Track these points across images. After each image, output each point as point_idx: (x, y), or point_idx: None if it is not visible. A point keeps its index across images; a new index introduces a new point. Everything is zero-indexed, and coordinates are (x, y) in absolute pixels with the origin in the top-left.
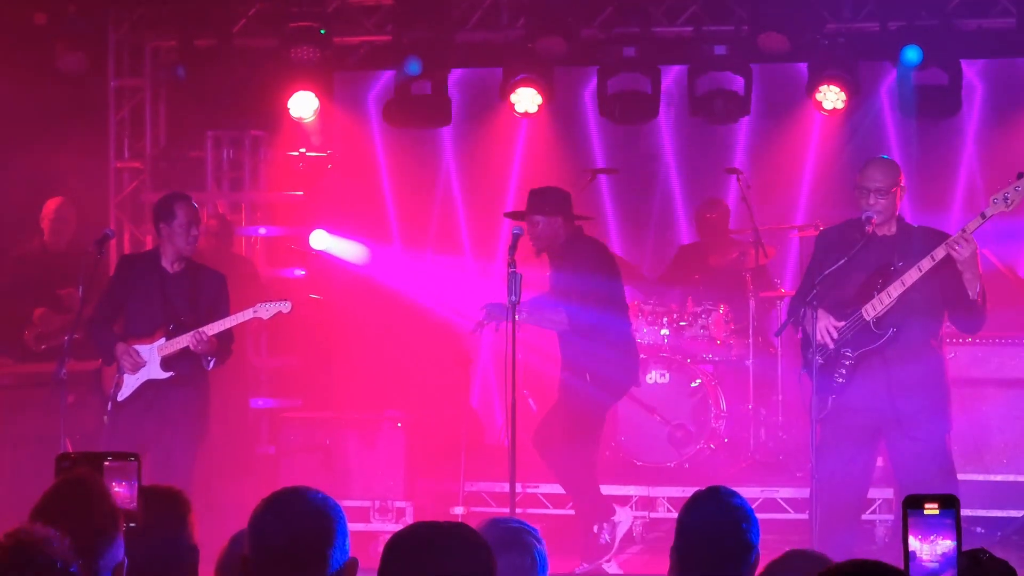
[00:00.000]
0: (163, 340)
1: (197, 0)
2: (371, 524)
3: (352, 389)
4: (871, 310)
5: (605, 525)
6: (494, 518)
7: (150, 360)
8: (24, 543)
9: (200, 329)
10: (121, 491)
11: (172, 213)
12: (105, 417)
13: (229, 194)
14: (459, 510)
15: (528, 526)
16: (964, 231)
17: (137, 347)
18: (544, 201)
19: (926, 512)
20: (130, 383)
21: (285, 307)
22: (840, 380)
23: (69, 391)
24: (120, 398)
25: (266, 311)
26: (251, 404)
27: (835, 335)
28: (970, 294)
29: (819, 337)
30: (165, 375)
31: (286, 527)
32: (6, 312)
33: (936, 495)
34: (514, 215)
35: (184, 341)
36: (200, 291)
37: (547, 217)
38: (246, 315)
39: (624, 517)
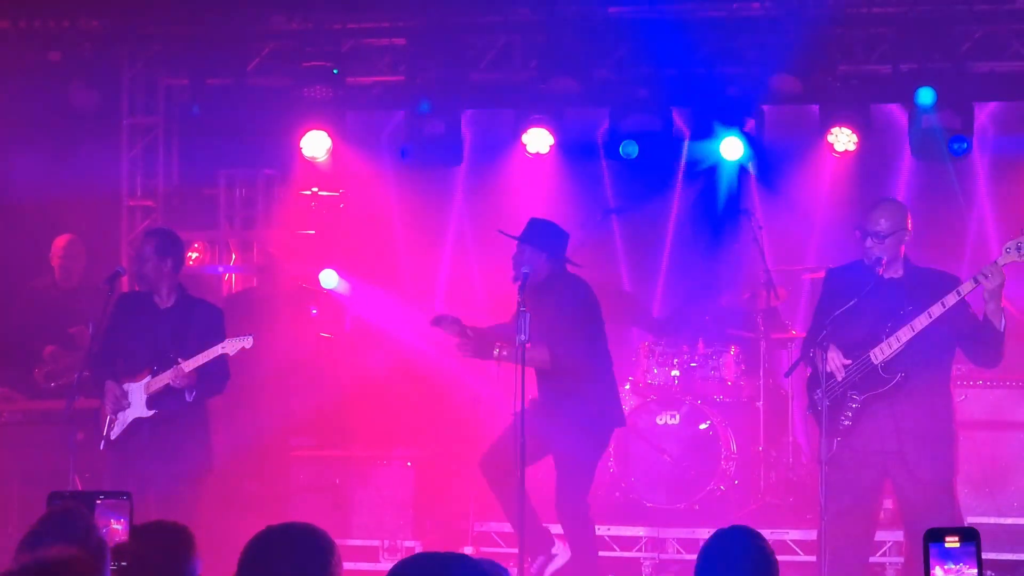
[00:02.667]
0: (149, 378)
1: (211, 39)
2: (380, 563)
3: (362, 428)
4: (879, 354)
5: (541, 557)
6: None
7: (136, 399)
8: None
9: (179, 364)
10: (113, 529)
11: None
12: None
13: (241, 233)
14: (468, 550)
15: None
16: (996, 264)
17: (127, 385)
18: (536, 233)
19: (947, 545)
20: (121, 421)
21: (247, 342)
22: (846, 423)
23: (78, 428)
24: (112, 436)
25: (232, 347)
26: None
27: (843, 371)
28: (996, 325)
29: (829, 368)
30: (149, 413)
31: (278, 561)
32: (17, 349)
33: (956, 527)
34: (506, 235)
35: (167, 378)
36: (190, 325)
37: (533, 248)
38: (215, 351)
39: (561, 551)
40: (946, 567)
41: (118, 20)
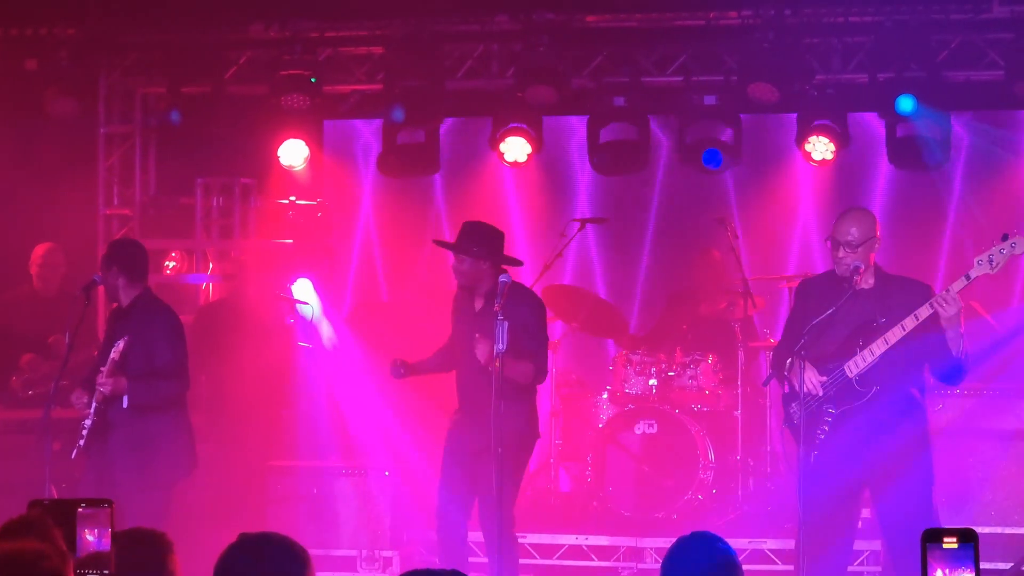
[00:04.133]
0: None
1: (188, 47)
2: (357, 574)
3: (339, 437)
4: (854, 367)
5: None
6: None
7: (91, 408)
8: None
9: (101, 371)
10: (94, 538)
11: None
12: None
13: (218, 241)
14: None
15: None
16: (949, 291)
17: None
18: (472, 242)
19: (945, 546)
20: (85, 430)
21: (121, 345)
22: (822, 437)
23: (55, 438)
24: (81, 444)
25: (117, 351)
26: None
27: (820, 391)
28: (953, 352)
29: (808, 387)
30: (92, 421)
31: (252, 572)
32: None
33: (955, 528)
34: (442, 244)
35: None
36: (135, 332)
37: (473, 260)
38: (111, 357)
39: None
40: (946, 569)
41: (95, 29)
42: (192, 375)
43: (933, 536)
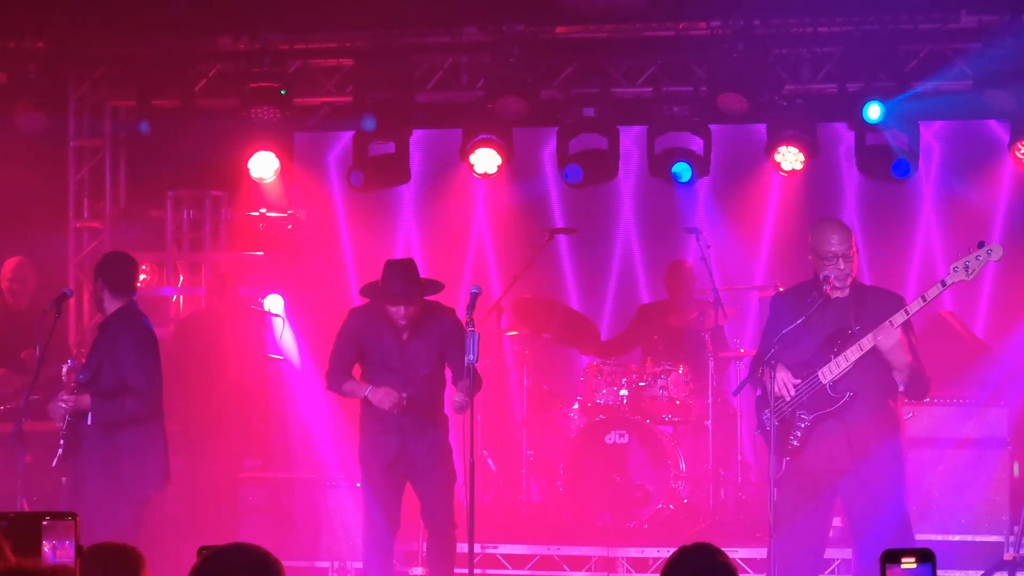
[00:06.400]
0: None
1: (158, 60)
2: None
3: (311, 449)
4: (828, 373)
5: None
6: None
7: (64, 422)
8: None
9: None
10: (58, 551)
11: None
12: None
13: (189, 254)
14: (418, 571)
15: None
16: (923, 298)
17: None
18: (417, 287)
19: (903, 566)
20: (64, 440)
21: (71, 364)
22: (795, 443)
23: (26, 451)
24: (60, 452)
25: (68, 370)
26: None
27: (792, 392)
28: (899, 388)
29: (778, 389)
30: (63, 434)
31: None
32: None
33: (913, 549)
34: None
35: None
36: (106, 347)
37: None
38: (64, 371)
39: None
40: None
41: (64, 42)
42: (169, 387)
43: (892, 557)
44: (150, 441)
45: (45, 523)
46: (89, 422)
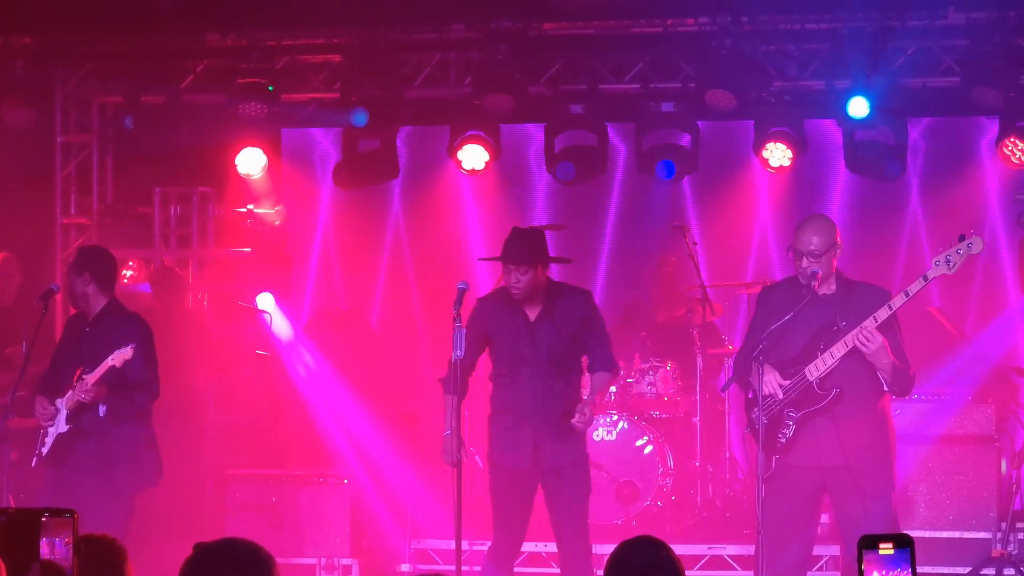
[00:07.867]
0: (70, 393)
1: (145, 56)
2: None
3: (298, 446)
4: (814, 370)
5: None
6: None
7: (60, 415)
8: None
9: (83, 378)
10: (57, 548)
11: None
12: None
13: (176, 251)
14: (406, 567)
15: None
16: (906, 293)
17: (59, 402)
18: (531, 251)
19: (881, 551)
20: (49, 438)
21: (128, 352)
22: (783, 440)
23: (12, 448)
24: (44, 452)
25: (118, 358)
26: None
27: (781, 394)
28: (884, 386)
29: (766, 389)
30: (66, 428)
31: None
32: None
33: (890, 535)
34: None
35: (78, 393)
36: (106, 340)
37: (532, 268)
38: (106, 364)
39: None
40: (883, 572)
41: (51, 38)
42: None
43: (869, 543)
44: (145, 437)
45: (44, 519)
46: (101, 414)
